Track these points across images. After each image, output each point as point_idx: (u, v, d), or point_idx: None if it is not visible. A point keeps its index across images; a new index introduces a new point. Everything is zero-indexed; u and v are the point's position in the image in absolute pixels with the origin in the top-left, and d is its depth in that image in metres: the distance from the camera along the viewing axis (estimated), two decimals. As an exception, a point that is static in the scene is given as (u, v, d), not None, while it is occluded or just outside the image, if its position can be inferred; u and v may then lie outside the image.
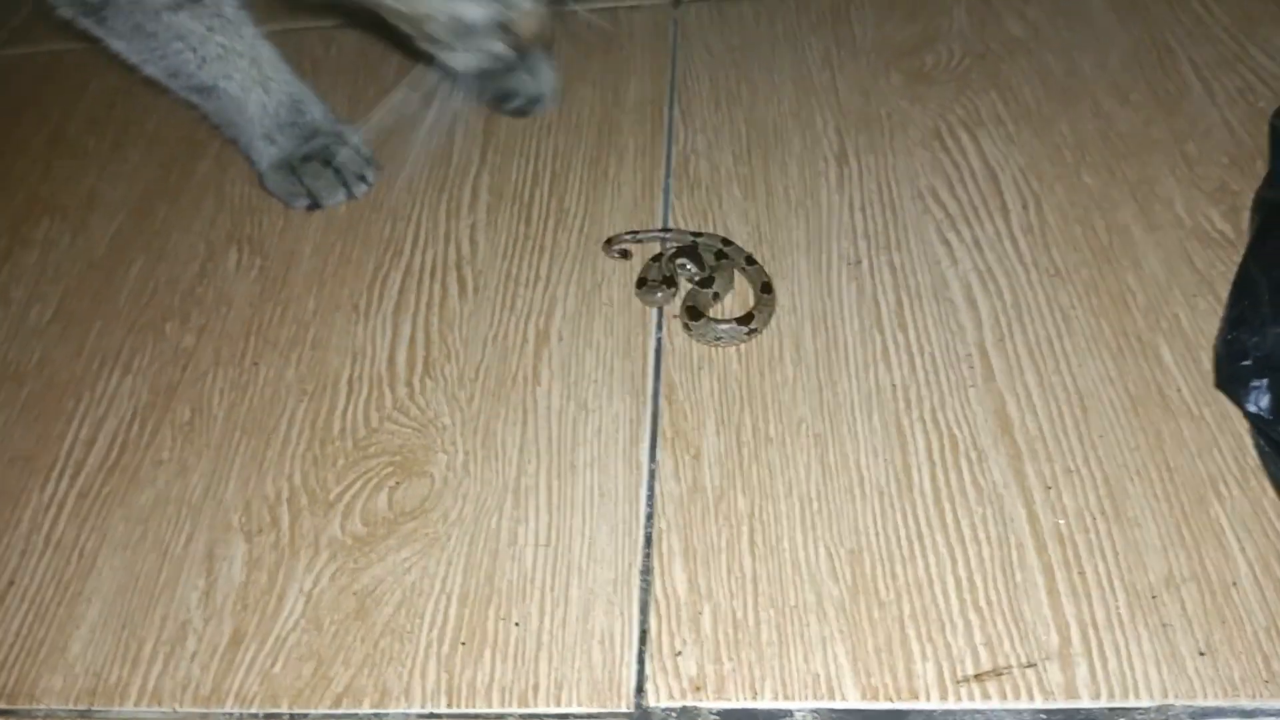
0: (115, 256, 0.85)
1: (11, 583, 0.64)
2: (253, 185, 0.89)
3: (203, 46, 0.78)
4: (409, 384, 0.73)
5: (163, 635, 0.60)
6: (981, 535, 0.60)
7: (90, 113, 1.01)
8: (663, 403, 0.69)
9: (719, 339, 0.70)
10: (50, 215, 0.90)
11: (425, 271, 0.81)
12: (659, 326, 0.74)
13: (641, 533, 0.62)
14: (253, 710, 0.57)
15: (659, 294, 0.73)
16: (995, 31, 0.97)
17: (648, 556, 0.61)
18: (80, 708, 0.58)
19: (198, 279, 0.82)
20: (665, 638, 0.57)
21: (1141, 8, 0.97)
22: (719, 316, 0.72)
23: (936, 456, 0.64)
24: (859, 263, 0.77)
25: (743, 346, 0.71)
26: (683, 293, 0.74)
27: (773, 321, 0.73)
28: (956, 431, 0.65)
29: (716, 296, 0.73)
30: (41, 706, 0.58)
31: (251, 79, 0.81)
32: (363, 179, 0.86)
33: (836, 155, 0.86)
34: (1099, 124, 0.85)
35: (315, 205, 0.85)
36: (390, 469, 0.68)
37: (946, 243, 0.77)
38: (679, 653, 0.56)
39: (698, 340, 0.71)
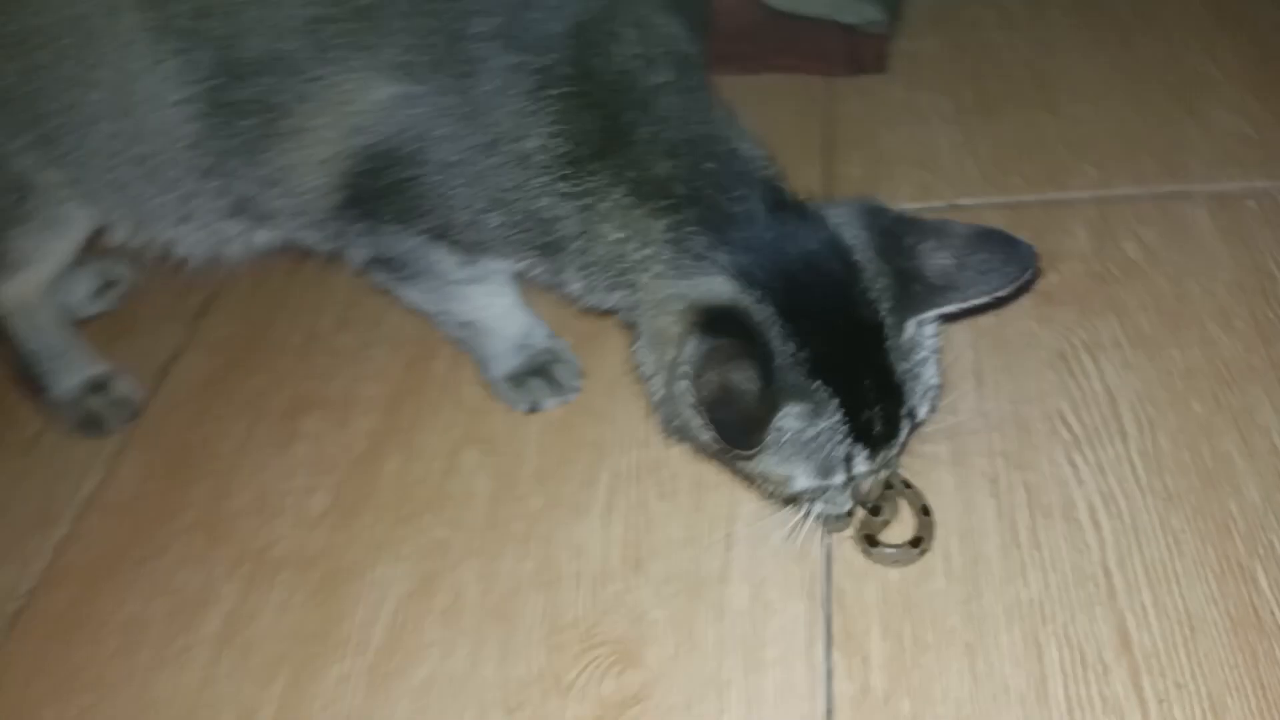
0: (374, 451, 1.04)
1: (321, 744, 0.82)
2: (479, 387, 1.08)
3: (476, 299, 0.98)
4: (624, 578, 0.89)
5: (448, 796, 0.78)
6: (1106, 743, 0.73)
7: (337, 312, 1.21)
8: (834, 607, 0.85)
9: (896, 561, 0.85)
10: (316, 410, 1.10)
11: (628, 474, 0.98)
12: (827, 534, 0.90)
13: (823, 726, 0.77)
14: None
15: (837, 521, 0.88)
16: (1113, 253, 1.11)
17: (830, 748, 0.76)
18: None
19: (444, 475, 1.00)
20: (848, 821, 0.72)
21: (1246, 231, 1.10)
22: (890, 541, 0.87)
23: (1068, 668, 0.78)
24: (996, 480, 0.91)
25: (900, 559, 0.86)
26: (856, 518, 0.89)
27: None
28: (1085, 646, 0.79)
29: (885, 523, 0.88)
30: None
31: (499, 316, 1.01)
32: (574, 389, 1.03)
33: (973, 372, 1.01)
34: (1205, 350, 0.99)
35: (535, 409, 1.03)
36: (614, 657, 0.84)
37: (1074, 465, 0.91)
38: (860, 835, 0.71)
39: (876, 562, 0.86)
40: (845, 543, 0.89)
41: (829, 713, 0.78)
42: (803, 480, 0.79)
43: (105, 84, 0.90)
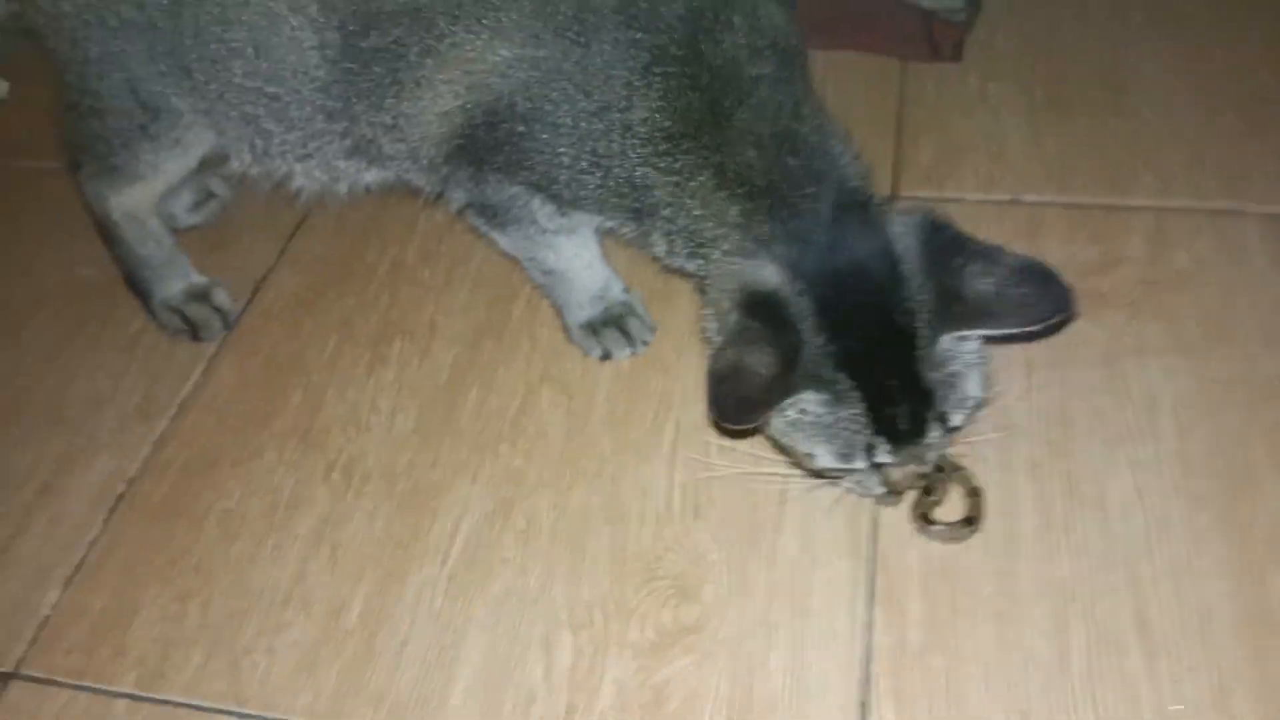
0: (456, 382, 1.11)
1: (405, 643, 0.91)
2: (556, 330, 1.15)
3: (564, 250, 1.04)
4: (684, 521, 0.97)
5: (517, 699, 0.86)
6: (1118, 714, 0.81)
7: (423, 246, 1.28)
8: (878, 566, 0.92)
9: (949, 539, 0.92)
10: (401, 338, 1.17)
11: (690, 425, 1.05)
12: (880, 508, 0.97)
13: (861, 673, 0.85)
14: (584, 767, 0.82)
15: (892, 497, 0.95)
16: (1166, 261, 1.16)
17: (865, 693, 0.84)
18: (462, 745, 0.84)
19: (520, 410, 1.08)
20: (879, 758, 0.80)
21: (1294, 252, 1.16)
22: (942, 519, 0.93)
23: (1089, 644, 0.85)
24: (1038, 466, 0.98)
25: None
26: (910, 497, 0.94)
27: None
28: (1106, 625, 0.86)
29: (937, 503, 0.94)
30: (434, 740, 0.85)
31: (584, 266, 1.07)
32: (644, 342, 1.11)
33: (1024, 365, 1.07)
34: (1245, 365, 1.05)
35: (607, 357, 1.10)
36: (672, 590, 0.92)
37: (1111, 459, 0.98)
38: (888, 770, 0.80)
39: (931, 539, 0.92)
40: (892, 510, 0.96)
41: (867, 660, 0.86)
42: (824, 459, 0.86)
43: (247, 24, 0.96)
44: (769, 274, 0.83)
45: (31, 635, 0.94)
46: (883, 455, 0.85)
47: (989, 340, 0.86)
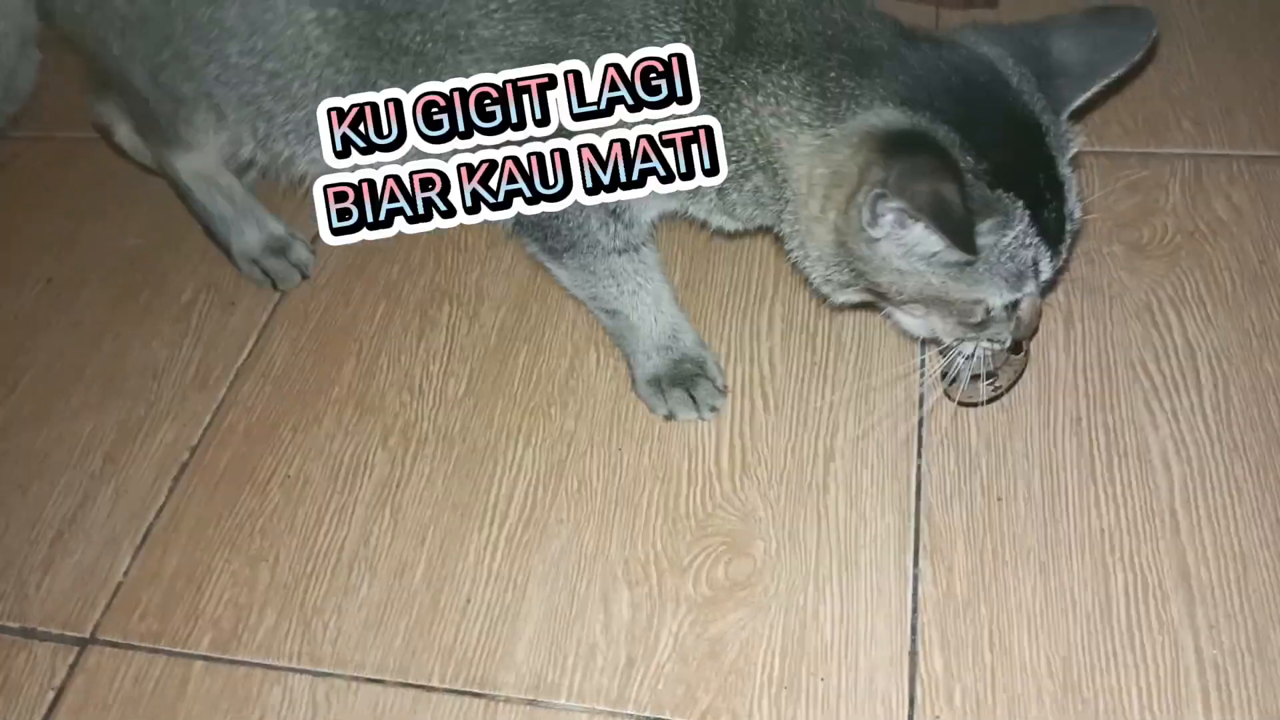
0: (505, 345, 1.14)
1: (469, 600, 0.94)
2: (602, 293, 1.16)
3: (626, 282, 0.99)
4: (732, 480, 1.00)
5: (579, 652, 0.90)
6: (1159, 659, 0.84)
7: (465, 209, 1.29)
8: (924, 520, 0.95)
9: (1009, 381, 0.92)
10: (449, 302, 1.19)
11: (738, 386, 1.07)
12: (919, 454, 1.00)
13: (909, 624, 0.89)
14: (646, 714, 0.86)
15: (1016, 358, 0.92)
16: (1204, 211, 1.17)
17: (914, 643, 0.87)
18: (528, 697, 0.88)
19: (569, 373, 1.10)
20: (928, 706, 0.84)
21: (1331, 200, 1.16)
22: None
23: (1131, 592, 0.88)
24: (1079, 420, 1.00)
25: (986, 483, 0.96)
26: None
27: (1010, 464, 0.97)
28: (1147, 574, 0.89)
29: (997, 388, 0.93)
30: (500, 693, 0.89)
31: (649, 309, 1.01)
32: (713, 408, 1.04)
33: (1064, 318, 1.08)
34: (1283, 314, 1.06)
35: (670, 418, 1.04)
36: (724, 547, 0.95)
37: (1150, 411, 1.00)
38: (938, 718, 0.83)
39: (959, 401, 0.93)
40: (934, 464, 0.98)
41: (914, 612, 0.89)
42: (996, 295, 0.80)
43: (238, 2, 0.92)
44: (890, 114, 0.77)
45: (106, 601, 0.98)
46: (1045, 267, 0.80)
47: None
